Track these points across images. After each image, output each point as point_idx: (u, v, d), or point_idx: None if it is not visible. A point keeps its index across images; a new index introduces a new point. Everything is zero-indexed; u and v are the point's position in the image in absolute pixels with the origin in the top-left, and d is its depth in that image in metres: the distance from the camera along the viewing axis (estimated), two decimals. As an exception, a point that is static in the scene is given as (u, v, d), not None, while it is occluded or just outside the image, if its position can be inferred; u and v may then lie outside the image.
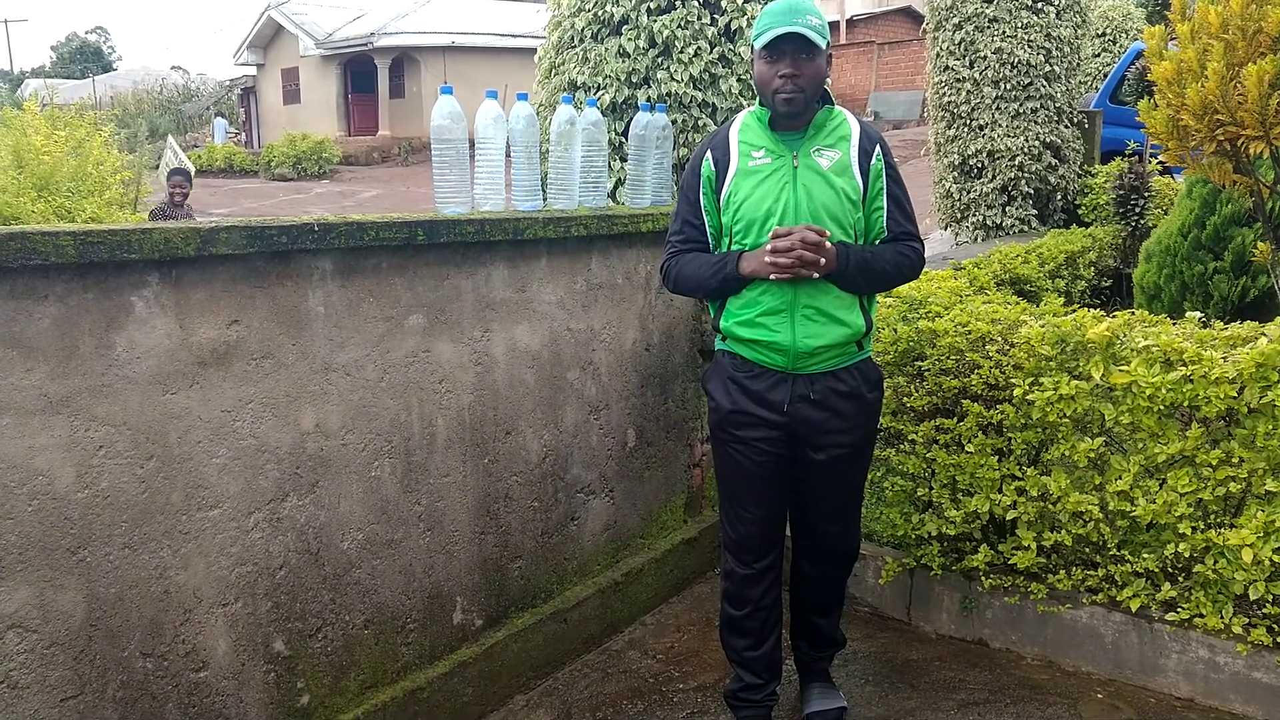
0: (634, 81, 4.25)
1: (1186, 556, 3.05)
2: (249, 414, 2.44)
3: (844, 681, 3.23)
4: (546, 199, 3.37)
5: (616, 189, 4.20)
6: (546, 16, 4.66)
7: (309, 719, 2.65)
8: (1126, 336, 3.10)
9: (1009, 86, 8.62)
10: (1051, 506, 3.24)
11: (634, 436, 3.67)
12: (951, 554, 3.50)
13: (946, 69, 8.90)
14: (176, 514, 2.31)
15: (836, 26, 30.83)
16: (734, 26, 4.22)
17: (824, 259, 2.56)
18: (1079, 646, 3.29)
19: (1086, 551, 3.29)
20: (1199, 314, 3.26)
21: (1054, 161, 8.85)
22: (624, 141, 3.98)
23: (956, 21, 8.75)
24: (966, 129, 8.89)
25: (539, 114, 4.38)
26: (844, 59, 28.46)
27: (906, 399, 3.50)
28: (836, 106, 2.77)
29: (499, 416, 3.09)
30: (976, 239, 8.90)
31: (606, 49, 4.26)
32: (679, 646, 3.53)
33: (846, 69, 28.36)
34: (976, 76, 8.70)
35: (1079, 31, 8.88)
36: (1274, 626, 2.94)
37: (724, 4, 4.19)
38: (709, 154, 2.77)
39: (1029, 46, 8.53)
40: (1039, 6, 8.53)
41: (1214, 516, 3.02)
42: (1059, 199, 9.05)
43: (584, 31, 4.33)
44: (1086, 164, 9.29)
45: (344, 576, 2.71)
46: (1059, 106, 8.79)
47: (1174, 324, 3.20)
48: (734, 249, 2.72)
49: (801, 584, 3.06)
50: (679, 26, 4.15)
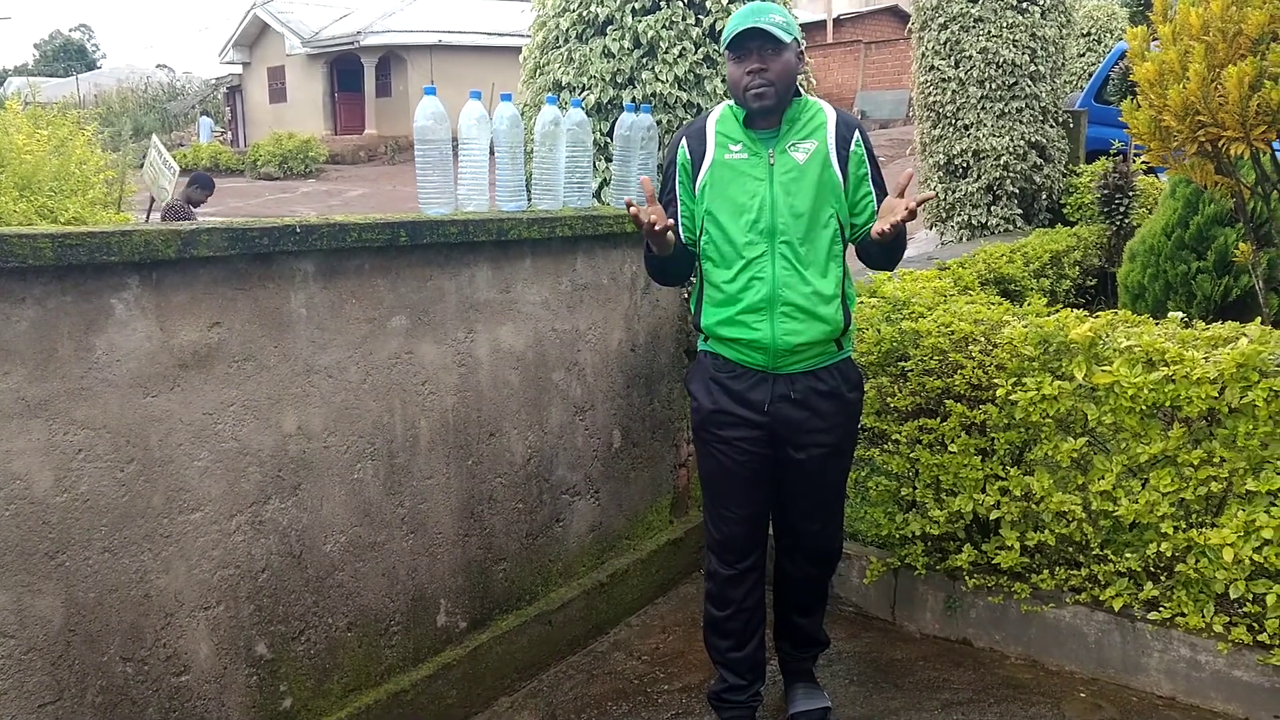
0: (619, 82, 4.24)
1: (1168, 556, 3.06)
2: (231, 416, 2.43)
3: (828, 681, 3.24)
4: (531, 200, 3.36)
5: (602, 189, 4.19)
6: (532, 16, 4.66)
7: (292, 722, 2.64)
8: (1109, 337, 3.12)
9: (994, 86, 8.64)
10: (1035, 506, 3.25)
11: (619, 437, 3.67)
12: (935, 554, 3.51)
13: (932, 69, 8.92)
14: (157, 517, 2.30)
15: (823, 26, 30.85)
16: (718, 27, 4.21)
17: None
18: (1062, 646, 3.30)
19: (1069, 551, 3.30)
20: (1181, 314, 3.27)
21: (1039, 161, 8.88)
22: (609, 142, 3.97)
23: (942, 21, 8.76)
24: (952, 128, 8.91)
25: (524, 114, 4.37)
26: (831, 58, 28.49)
27: (890, 399, 3.50)
28: (809, 96, 2.77)
29: (483, 418, 3.09)
30: (962, 238, 8.92)
31: (591, 49, 4.25)
32: (664, 648, 3.53)
33: (833, 68, 28.40)
34: (962, 76, 8.72)
35: (1064, 31, 8.90)
36: (1254, 625, 2.96)
37: (709, 4, 4.18)
38: (685, 142, 2.79)
39: (1014, 46, 8.55)
40: (1024, 6, 8.55)
41: (1195, 516, 3.03)
42: (1044, 198, 9.08)
43: (569, 32, 4.32)
44: (1071, 163, 9.32)
45: (327, 579, 2.71)
46: (1044, 106, 8.82)
47: (1156, 324, 3.22)
48: (704, 240, 2.74)
49: (784, 584, 3.06)
50: (664, 27, 4.14)
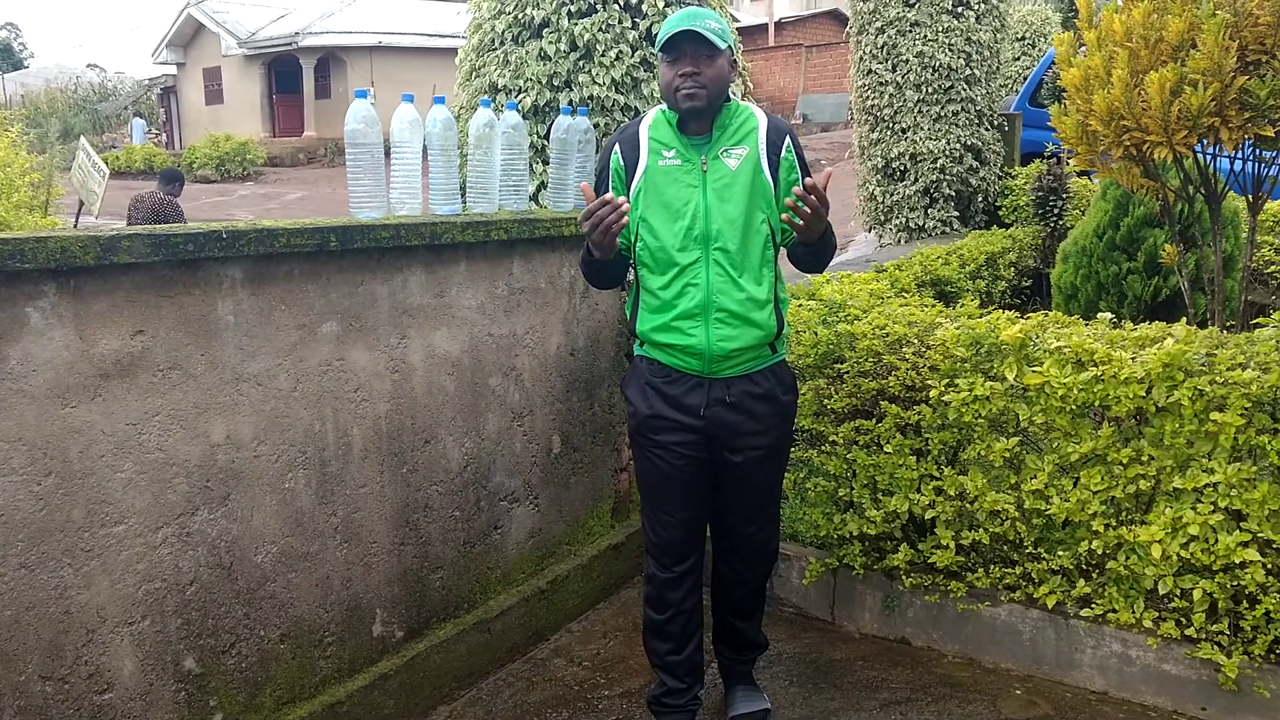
0: (555, 85, 4.22)
1: (1100, 553, 3.12)
2: (156, 426, 2.37)
3: (768, 683, 3.24)
4: (466, 203, 3.33)
5: (539, 192, 4.17)
6: (468, 19, 4.62)
7: (222, 738, 2.59)
8: (1039, 338, 3.16)
9: (930, 90, 8.75)
10: (969, 506, 3.29)
11: (559, 442, 3.65)
12: (873, 553, 3.54)
13: (870, 72, 9.01)
14: (78, 531, 2.23)
15: (765, 29, 31.08)
16: (655, 30, 4.21)
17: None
18: (998, 644, 3.35)
19: (1004, 550, 3.34)
20: (1111, 314, 3.33)
21: (975, 164, 9.01)
22: (546, 144, 3.95)
23: (879, 25, 8.86)
24: (889, 132, 9.01)
25: (460, 117, 4.34)
26: (772, 61, 28.70)
27: (827, 401, 3.52)
28: (739, 101, 2.78)
29: (417, 425, 3.05)
30: (900, 241, 9.02)
31: (527, 52, 4.23)
32: (605, 653, 3.52)
33: (775, 71, 28.61)
34: (899, 80, 8.83)
35: (998, 36, 9.04)
36: (1182, 620, 3.02)
37: (645, 8, 4.18)
38: (618, 148, 2.77)
39: (950, 50, 8.67)
40: (959, 11, 8.67)
41: (1125, 514, 3.08)
42: (980, 201, 9.21)
43: (504, 34, 4.29)
44: (1007, 166, 9.46)
45: (258, 590, 2.65)
46: (979, 109, 8.95)
47: (1085, 325, 3.27)
48: (639, 246, 2.73)
49: (722, 587, 3.06)
50: (600, 30, 4.14)
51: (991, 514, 3.26)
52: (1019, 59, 15.16)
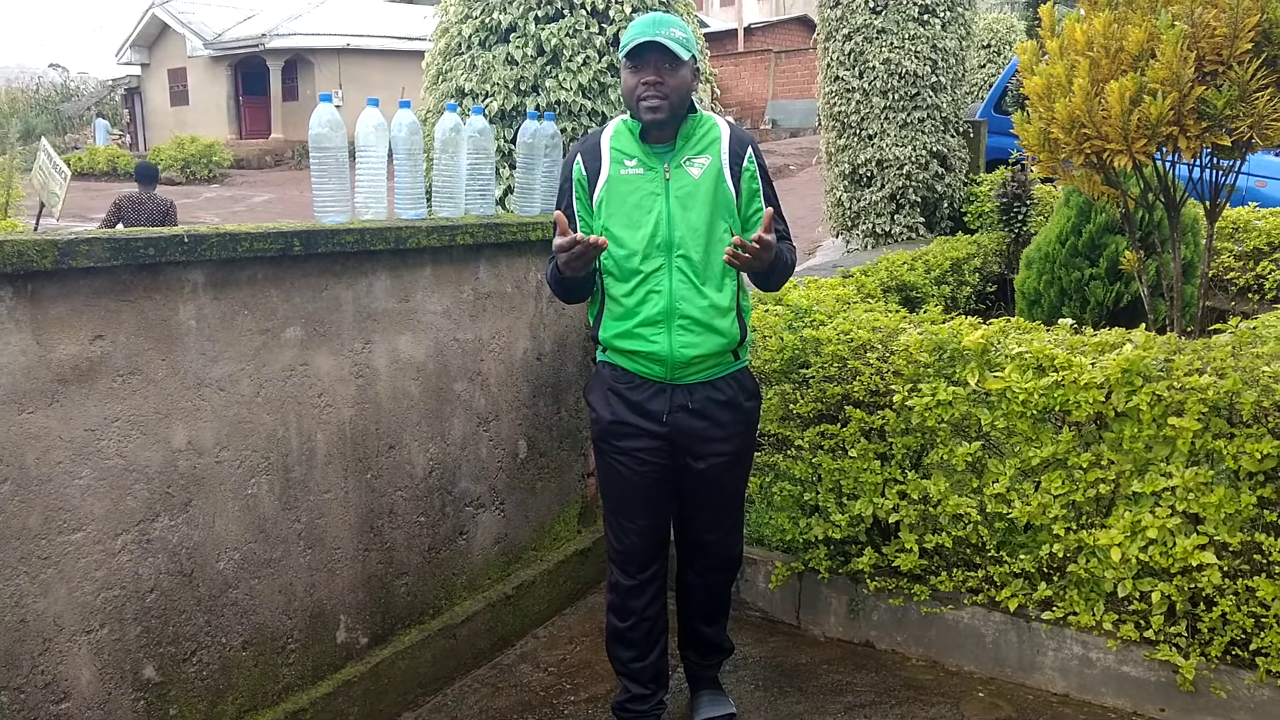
0: (522, 89, 4.22)
1: (1061, 556, 3.15)
2: (115, 432, 2.35)
3: (734, 687, 3.25)
4: (432, 207, 3.32)
5: (506, 197, 4.17)
6: (435, 22, 4.61)
7: (183, 747, 2.56)
8: (1000, 344, 3.20)
9: (897, 97, 8.81)
10: (932, 509, 3.32)
11: (525, 447, 3.64)
12: (838, 557, 3.56)
13: (837, 79, 9.06)
14: (35, 539, 2.20)
15: (734, 34, 31.19)
16: (622, 36, 4.22)
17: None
18: (961, 646, 3.37)
19: (967, 553, 3.37)
20: (1072, 320, 3.37)
21: (940, 170, 9.07)
22: (513, 149, 3.95)
23: (846, 32, 8.91)
24: (856, 138, 9.06)
25: (427, 121, 4.32)
26: (742, 67, 28.80)
27: (793, 405, 3.54)
28: (704, 112, 2.79)
29: (382, 430, 3.04)
30: (866, 246, 9.08)
31: (494, 56, 4.23)
32: (571, 658, 3.51)
33: (744, 77, 28.71)
34: (866, 86, 8.88)
35: (964, 43, 9.12)
36: (1141, 622, 3.06)
37: (612, 13, 4.19)
38: (580, 159, 2.77)
39: (916, 57, 8.73)
40: (925, 19, 8.74)
41: (1086, 517, 3.12)
42: (945, 207, 9.28)
43: (471, 39, 4.28)
44: (972, 172, 9.54)
45: (220, 597, 2.63)
46: (945, 116, 9.02)
47: (1046, 331, 3.31)
48: (603, 254, 2.69)
49: (686, 593, 3.07)
50: (567, 35, 4.14)
51: (954, 518, 3.29)
52: (984, 66, 15.31)
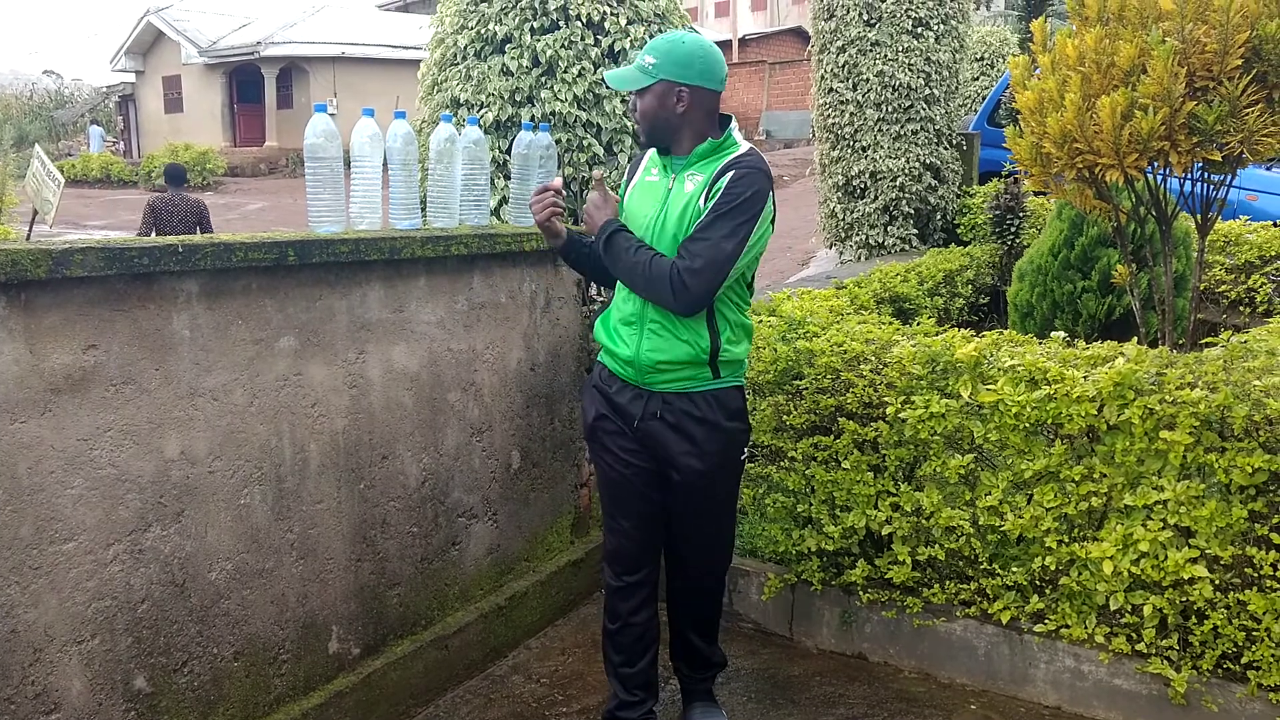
0: (517, 100, 4.23)
1: (1053, 569, 3.16)
2: (108, 442, 2.34)
3: (726, 699, 3.25)
4: (427, 218, 3.32)
5: (500, 207, 4.17)
6: (431, 32, 4.62)
7: (173, 758, 2.55)
8: (993, 356, 3.21)
9: (890, 109, 8.85)
10: (925, 521, 3.33)
11: (519, 458, 3.64)
12: (831, 569, 3.56)
13: (831, 91, 9.10)
14: (26, 548, 2.20)
15: (728, 46, 31.29)
16: (617, 48, 4.24)
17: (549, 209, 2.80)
18: (954, 659, 3.38)
19: (959, 565, 3.38)
20: (1065, 333, 3.38)
21: (934, 182, 9.10)
22: (508, 159, 3.95)
23: (840, 45, 8.95)
24: (850, 150, 9.09)
25: (422, 131, 4.33)
26: (736, 78, 28.88)
27: (786, 417, 3.55)
28: (737, 139, 2.77)
29: (375, 440, 3.04)
30: (860, 258, 9.10)
31: (489, 67, 4.24)
32: (563, 669, 3.51)
33: (739, 88, 28.80)
34: (859, 99, 8.91)
35: (957, 56, 9.15)
36: (1133, 635, 3.06)
37: (607, 25, 4.21)
38: (628, 169, 2.99)
39: (910, 70, 8.77)
40: (919, 31, 8.78)
41: (1078, 530, 3.13)
42: (939, 219, 9.31)
43: (467, 49, 4.30)
44: (965, 185, 9.57)
45: (212, 608, 2.62)
46: (938, 129, 9.05)
47: (1039, 344, 3.32)
48: None
49: (675, 604, 3.08)
50: (562, 46, 4.15)
51: (947, 530, 3.30)
52: (977, 79, 15.37)
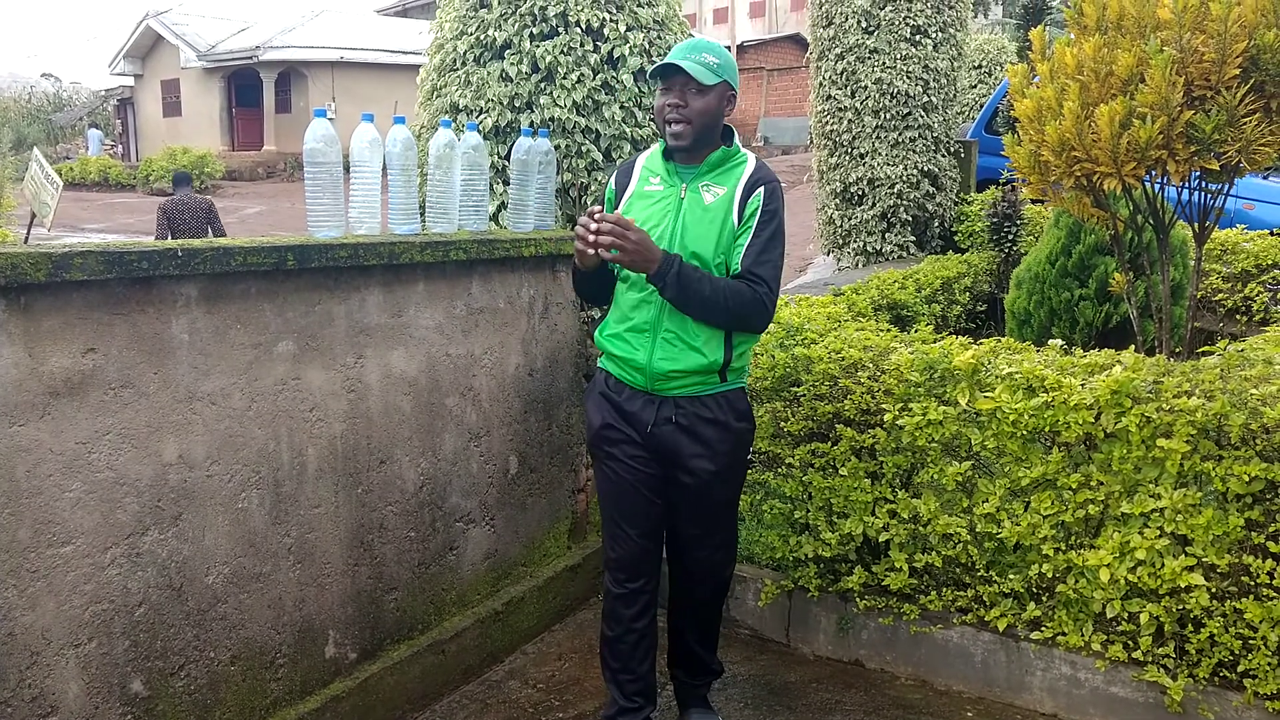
0: (516, 106, 4.23)
1: (1050, 576, 3.16)
2: (106, 445, 2.35)
3: (723, 705, 3.25)
4: (425, 223, 3.33)
5: (499, 213, 4.17)
6: (430, 38, 4.62)
7: (169, 762, 2.55)
8: (991, 364, 3.21)
9: (889, 116, 8.86)
10: (922, 528, 3.33)
11: (516, 463, 3.64)
12: (828, 575, 3.56)
13: (829, 98, 9.11)
14: (23, 551, 2.20)
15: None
16: (616, 54, 4.24)
17: (628, 247, 2.56)
18: (950, 666, 3.38)
19: (956, 572, 3.38)
20: (1062, 341, 3.39)
21: (931, 189, 9.12)
22: (507, 165, 3.96)
23: (838, 52, 8.96)
24: (848, 157, 9.10)
25: (421, 136, 4.33)
26: (734, 84, 28.89)
27: (784, 423, 3.55)
28: (742, 149, 2.81)
29: (373, 445, 3.04)
30: (857, 264, 9.11)
31: (489, 73, 4.24)
32: (560, 675, 3.51)
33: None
34: (858, 106, 8.93)
35: (955, 64, 9.17)
36: (1130, 643, 3.06)
37: (607, 31, 4.20)
38: (614, 177, 2.92)
39: (908, 77, 8.79)
40: (917, 39, 8.80)
41: (1075, 538, 3.13)
42: (936, 226, 9.33)
43: (466, 55, 4.29)
44: (963, 192, 9.59)
45: (209, 612, 2.62)
46: (936, 136, 9.07)
47: (1037, 351, 3.33)
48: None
49: (677, 609, 3.08)
50: (561, 52, 4.15)
51: (944, 537, 3.30)
52: (975, 87, 15.38)
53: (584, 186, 4.26)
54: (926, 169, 9.01)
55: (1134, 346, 3.38)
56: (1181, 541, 2.95)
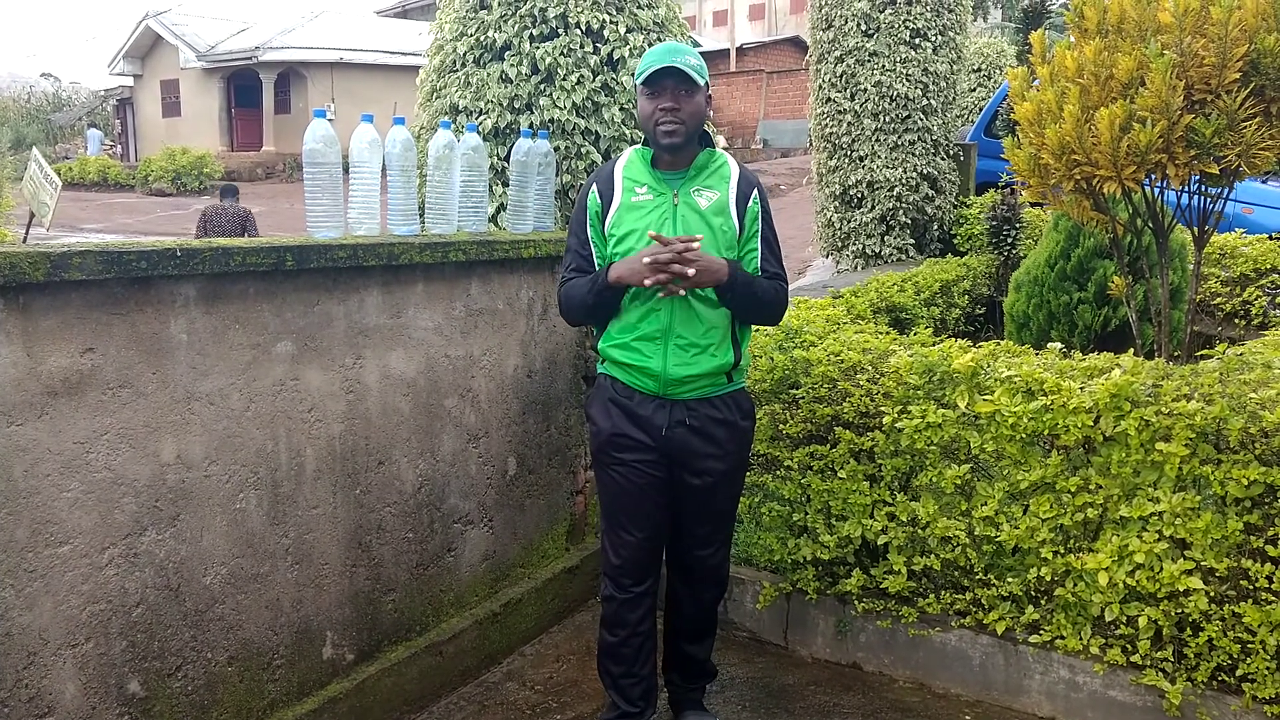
0: (516, 107, 4.23)
1: (1048, 580, 3.16)
2: (104, 445, 2.34)
3: (720, 708, 3.25)
4: (425, 224, 3.33)
5: (498, 214, 4.17)
6: (430, 39, 4.62)
7: (166, 763, 2.54)
8: (990, 367, 3.21)
9: (888, 119, 8.86)
10: (921, 531, 3.33)
11: (515, 464, 3.64)
12: (826, 578, 3.56)
13: (828, 101, 9.11)
14: (21, 551, 2.19)
15: (726, 55, 31.34)
16: (616, 56, 4.24)
17: (693, 270, 2.59)
18: (948, 669, 3.37)
19: (955, 575, 3.37)
20: (1061, 344, 3.39)
21: (931, 192, 9.12)
22: (506, 166, 3.96)
23: (838, 55, 8.96)
24: (847, 159, 9.10)
25: (420, 137, 4.33)
26: (733, 87, 28.92)
27: (783, 426, 3.55)
28: (719, 150, 2.86)
29: (371, 446, 3.03)
30: (856, 267, 9.11)
31: (489, 74, 4.24)
32: (558, 677, 3.50)
33: (736, 97, 28.83)
34: (857, 109, 8.93)
35: (955, 67, 9.17)
36: (1128, 646, 3.06)
37: (606, 33, 4.21)
38: (594, 189, 2.84)
39: (907, 81, 8.79)
40: (917, 42, 8.80)
41: (1073, 541, 3.13)
42: (935, 229, 9.33)
43: (466, 56, 4.30)
44: (962, 195, 9.58)
45: (207, 612, 2.62)
46: (936, 139, 9.07)
47: (1036, 355, 3.33)
48: None
49: (675, 611, 3.08)
50: (561, 54, 4.16)
51: (943, 540, 3.30)
52: (975, 90, 15.39)
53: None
54: (926, 172, 9.01)
55: (1133, 350, 3.37)
56: (1180, 545, 2.95)
